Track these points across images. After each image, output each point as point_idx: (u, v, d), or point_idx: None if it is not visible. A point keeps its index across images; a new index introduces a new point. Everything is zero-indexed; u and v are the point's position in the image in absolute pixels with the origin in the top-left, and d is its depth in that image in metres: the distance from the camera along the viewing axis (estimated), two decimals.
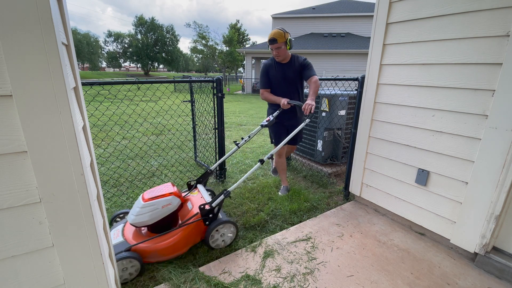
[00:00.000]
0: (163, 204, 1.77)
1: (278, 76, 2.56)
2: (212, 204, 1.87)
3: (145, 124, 5.93)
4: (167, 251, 1.76)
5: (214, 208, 1.88)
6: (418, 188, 2.06)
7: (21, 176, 0.78)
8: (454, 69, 1.75)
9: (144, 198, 1.77)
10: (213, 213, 1.89)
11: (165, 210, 1.77)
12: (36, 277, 0.88)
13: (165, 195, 1.80)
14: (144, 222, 1.72)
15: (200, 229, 1.90)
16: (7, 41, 0.68)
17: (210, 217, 1.88)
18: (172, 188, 1.88)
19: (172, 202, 1.80)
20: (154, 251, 1.71)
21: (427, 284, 1.61)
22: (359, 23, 19.53)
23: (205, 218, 1.87)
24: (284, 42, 2.36)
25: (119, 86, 2.42)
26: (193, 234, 1.86)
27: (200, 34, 32.96)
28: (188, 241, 1.85)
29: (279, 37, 2.32)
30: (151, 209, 1.73)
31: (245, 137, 2.50)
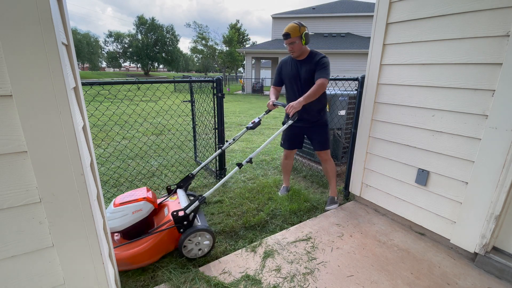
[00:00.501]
0: (133, 209, 1.70)
1: (291, 74, 2.39)
2: (186, 211, 1.76)
3: (145, 124, 5.93)
4: (137, 259, 1.66)
5: (189, 215, 1.77)
6: (418, 188, 2.06)
7: (21, 176, 0.78)
8: (454, 69, 1.75)
9: (115, 203, 1.72)
10: (188, 220, 1.77)
11: (136, 216, 1.70)
12: (36, 277, 0.88)
13: (136, 200, 1.74)
14: (114, 228, 1.66)
15: (173, 237, 1.79)
16: (7, 41, 0.68)
17: (184, 224, 1.76)
18: (145, 193, 1.82)
19: (143, 208, 1.74)
20: (122, 259, 1.61)
21: (427, 284, 1.61)
22: (359, 23, 19.53)
23: (179, 225, 1.75)
24: (298, 37, 2.18)
25: (119, 86, 2.42)
26: (165, 242, 1.75)
27: (200, 34, 32.98)
28: (160, 249, 1.75)
29: (292, 31, 2.15)
30: (121, 215, 1.67)
31: (229, 140, 2.46)
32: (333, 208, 2.50)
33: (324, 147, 2.48)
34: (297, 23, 2.19)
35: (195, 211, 1.81)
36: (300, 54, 2.30)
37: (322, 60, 2.26)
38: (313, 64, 2.28)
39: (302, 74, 2.34)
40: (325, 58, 2.26)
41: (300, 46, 2.24)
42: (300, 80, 2.36)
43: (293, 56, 2.34)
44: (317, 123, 2.43)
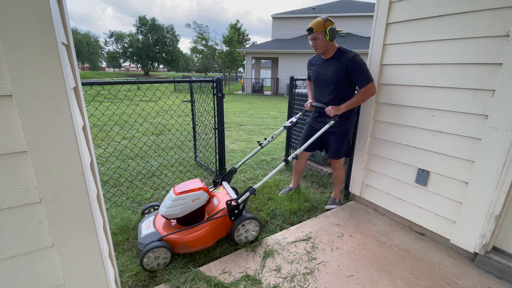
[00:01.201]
0: (193, 198, 1.84)
1: (316, 73, 2.27)
2: (238, 201, 1.93)
3: (145, 124, 5.93)
4: (196, 243, 1.83)
5: (240, 205, 1.94)
6: (418, 188, 2.06)
7: (21, 176, 0.78)
8: (454, 69, 1.75)
9: (175, 191, 1.86)
10: (238, 209, 1.95)
11: (195, 204, 1.85)
12: (36, 277, 0.88)
13: (195, 190, 1.87)
14: (174, 215, 1.81)
15: (226, 224, 1.95)
16: (7, 41, 0.68)
17: (235, 213, 1.94)
18: (201, 184, 1.95)
19: (201, 196, 1.88)
20: (183, 242, 1.79)
21: (427, 284, 1.61)
22: (359, 23, 19.52)
23: (231, 213, 1.93)
24: (322, 32, 2.03)
25: (119, 86, 2.42)
26: (219, 228, 1.92)
27: (200, 35, 32.99)
28: (215, 234, 1.91)
29: (316, 26, 2.02)
30: (182, 203, 1.81)
31: (268, 138, 2.49)
32: (333, 208, 2.50)
33: (337, 156, 2.36)
34: (323, 17, 2.05)
35: (245, 202, 1.98)
36: (325, 51, 2.15)
37: (354, 61, 2.03)
38: (341, 64, 2.08)
39: (327, 75, 2.17)
40: (357, 57, 2.05)
41: (324, 42, 2.08)
42: (324, 81, 2.21)
43: (317, 53, 2.19)
44: (336, 129, 2.27)
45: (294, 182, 2.84)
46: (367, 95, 2.10)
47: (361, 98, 2.11)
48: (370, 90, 2.07)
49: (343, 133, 2.30)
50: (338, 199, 2.61)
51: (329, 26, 2.03)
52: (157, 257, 1.69)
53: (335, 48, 2.15)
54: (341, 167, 2.47)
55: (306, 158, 2.70)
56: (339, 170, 2.48)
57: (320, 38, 2.06)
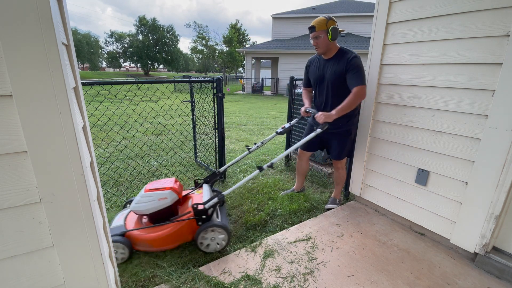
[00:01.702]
0: (159, 197, 1.83)
1: (317, 75, 2.22)
2: (206, 205, 1.85)
3: (145, 124, 5.93)
4: (156, 243, 1.82)
5: (208, 210, 1.86)
6: (418, 188, 2.06)
7: (21, 176, 0.78)
8: (454, 69, 1.75)
9: (146, 188, 1.89)
10: (206, 214, 1.86)
11: (161, 203, 1.83)
12: (36, 277, 0.88)
13: (163, 189, 1.87)
14: (141, 211, 1.83)
15: (192, 228, 1.89)
16: (7, 41, 0.68)
17: (202, 218, 1.86)
18: (172, 184, 1.93)
19: (168, 196, 1.85)
20: (144, 240, 1.79)
21: (427, 284, 1.61)
22: (359, 23, 19.52)
23: (198, 218, 1.86)
24: (324, 31, 2.00)
25: (119, 86, 2.42)
26: (184, 231, 1.87)
27: (200, 35, 33.00)
28: (178, 237, 1.87)
29: (318, 24, 1.99)
30: (148, 200, 1.82)
31: (257, 143, 2.40)
32: (333, 208, 2.50)
33: (339, 157, 2.35)
34: (325, 16, 2.02)
35: (214, 207, 1.91)
36: (326, 51, 2.12)
37: (353, 61, 2.02)
38: (341, 64, 2.06)
39: (328, 75, 2.14)
40: (356, 59, 2.03)
41: (326, 42, 2.05)
42: (326, 81, 2.17)
43: (319, 52, 2.16)
44: (338, 130, 2.24)
45: (298, 184, 2.78)
46: (357, 98, 2.02)
47: (351, 102, 2.01)
48: (360, 93, 2.01)
49: (345, 134, 2.27)
50: (339, 199, 2.61)
51: (332, 25, 2.00)
52: (115, 251, 1.69)
53: (336, 48, 2.13)
54: (343, 167, 2.47)
55: (308, 159, 2.61)
56: (341, 171, 2.47)
57: (322, 37, 2.04)
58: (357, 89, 1.99)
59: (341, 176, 2.51)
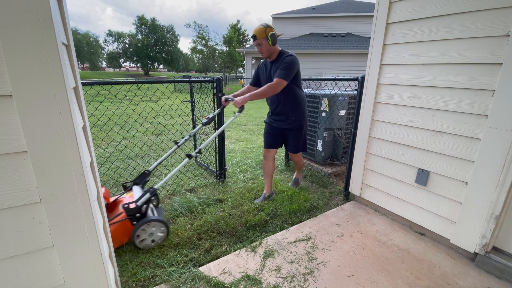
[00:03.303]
0: None
1: (265, 75, 2.46)
2: (138, 203, 1.83)
3: (145, 124, 5.93)
4: None
5: (141, 207, 1.84)
6: (418, 188, 2.06)
7: (21, 176, 0.78)
8: (454, 69, 1.75)
9: None
10: (140, 212, 1.84)
11: None
12: (36, 277, 0.88)
13: None
14: None
15: (126, 229, 1.84)
16: (7, 41, 0.68)
17: (136, 216, 1.84)
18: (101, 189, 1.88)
19: None
20: None
21: (427, 284, 1.61)
22: (359, 23, 19.52)
23: (131, 217, 1.83)
24: (264, 38, 2.23)
25: (119, 86, 2.42)
26: (118, 234, 1.80)
27: (200, 35, 33.00)
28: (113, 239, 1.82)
29: (258, 33, 2.22)
30: None
31: (185, 136, 2.48)
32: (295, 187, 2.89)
33: (295, 150, 2.61)
34: (263, 24, 2.26)
35: (148, 203, 1.89)
36: (270, 55, 2.35)
37: (285, 59, 2.25)
38: (279, 64, 2.29)
39: (270, 75, 2.37)
40: (289, 57, 2.25)
41: (268, 47, 2.28)
42: (268, 80, 2.38)
43: (264, 56, 2.38)
44: (292, 126, 2.47)
45: (267, 187, 2.70)
46: (271, 88, 2.20)
47: (266, 90, 2.20)
48: (276, 85, 2.20)
49: (299, 128, 2.50)
50: (300, 179, 3.06)
51: (270, 32, 2.24)
52: None
53: (277, 51, 2.36)
54: (301, 159, 2.82)
55: (273, 158, 2.65)
56: (299, 162, 2.84)
57: (264, 44, 2.26)
58: (275, 81, 2.20)
59: (300, 163, 2.87)
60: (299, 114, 2.45)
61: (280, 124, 2.49)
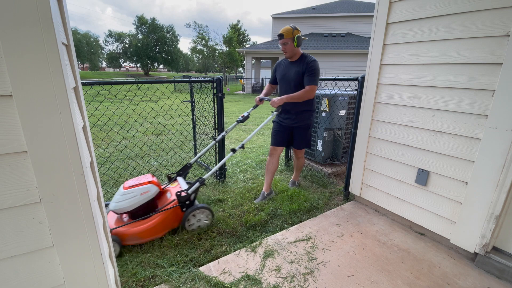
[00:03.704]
0: (142, 191, 1.92)
1: (282, 74, 2.59)
2: (188, 191, 2.02)
3: (145, 124, 5.93)
4: (145, 234, 1.91)
5: (191, 195, 2.04)
6: (418, 188, 2.06)
7: (21, 176, 0.78)
8: (454, 69, 1.75)
9: (124, 186, 1.93)
10: (189, 200, 2.04)
11: (144, 197, 1.92)
12: (36, 277, 0.88)
13: (144, 184, 1.96)
14: (124, 209, 1.88)
15: (177, 215, 2.04)
16: (7, 41, 0.68)
17: (186, 203, 2.03)
18: (150, 178, 2.03)
19: (150, 189, 1.95)
20: (132, 234, 1.86)
21: (427, 284, 1.61)
22: (359, 23, 19.53)
23: (182, 204, 2.02)
24: (291, 39, 2.36)
25: (119, 86, 2.42)
26: (170, 219, 2.00)
27: (200, 35, 33.01)
28: (165, 225, 1.99)
29: (286, 33, 2.35)
30: (131, 196, 1.88)
31: (222, 133, 2.67)
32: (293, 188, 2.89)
33: (300, 147, 2.74)
34: (292, 26, 2.38)
35: (196, 192, 2.09)
36: (292, 56, 2.47)
37: (311, 64, 2.37)
38: (301, 66, 2.41)
39: (291, 75, 2.49)
40: (314, 63, 2.39)
41: (292, 48, 2.40)
42: (289, 80, 2.52)
43: (286, 56, 2.52)
44: (301, 124, 2.59)
45: (266, 185, 2.71)
46: (306, 95, 2.38)
47: (302, 95, 2.38)
48: (311, 91, 2.37)
49: (305, 127, 2.63)
50: (297, 181, 3.07)
51: (297, 34, 2.36)
52: None
53: (300, 53, 2.48)
54: (303, 156, 2.92)
55: (278, 157, 2.73)
56: (301, 159, 2.92)
57: (289, 44, 2.38)
58: (309, 88, 2.37)
59: (301, 164, 2.96)
60: (309, 114, 2.58)
61: (289, 122, 2.60)
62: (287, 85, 2.55)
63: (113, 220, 1.97)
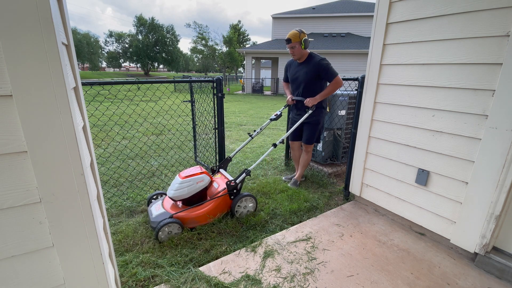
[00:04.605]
0: (198, 180, 2.14)
1: (292, 74, 2.79)
2: (237, 181, 2.26)
3: (145, 124, 5.93)
4: (202, 218, 2.13)
5: (238, 184, 2.27)
6: (418, 188, 2.06)
7: (21, 176, 0.78)
8: (454, 69, 1.75)
9: (181, 176, 2.14)
10: (237, 189, 2.27)
11: (199, 185, 2.15)
12: (36, 277, 0.88)
13: (198, 174, 2.18)
14: (182, 196, 2.10)
15: (226, 202, 2.26)
16: (7, 41, 0.68)
17: (234, 192, 2.27)
18: (203, 169, 2.26)
19: (205, 179, 2.19)
20: (191, 218, 2.09)
21: (427, 284, 1.61)
22: (359, 23, 19.53)
23: (231, 192, 2.25)
24: (298, 42, 2.53)
25: (119, 86, 2.42)
26: (221, 205, 2.23)
27: (200, 35, 33.02)
28: (218, 210, 2.22)
29: (293, 37, 2.51)
30: (188, 185, 2.10)
31: (257, 129, 2.83)
32: (294, 187, 2.92)
33: (308, 142, 2.87)
34: (298, 30, 2.53)
35: (242, 182, 2.31)
36: (300, 57, 2.64)
37: (322, 62, 2.55)
38: (310, 66, 2.59)
39: (301, 75, 2.67)
40: (324, 61, 2.56)
41: (300, 50, 2.58)
42: (299, 82, 2.71)
43: (294, 58, 2.70)
44: (310, 119, 2.75)
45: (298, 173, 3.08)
46: (336, 86, 2.58)
47: (332, 89, 2.59)
48: (338, 82, 2.56)
49: (316, 123, 2.79)
50: (299, 181, 3.06)
51: (303, 37, 2.53)
52: (170, 232, 1.98)
53: (307, 53, 2.65)
54: (311, 152, 2.97)
55: (299, 147, 3.07)
56: (309, 154, 2.96)
57: (297, 47, 2.56)
58: (335, 79, 2.54)
59: (307, 159, 2.98)
60: (319, 110, 2.73)
61: (301, 118, 2.74)
62: (296, 86, 2.77)
63: (169, 206, 2.16)
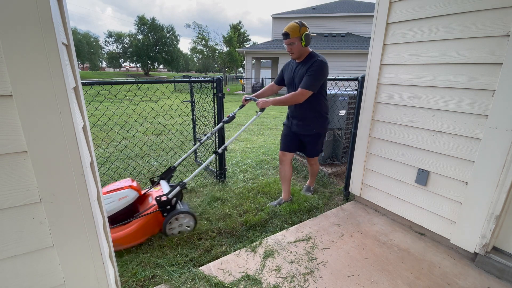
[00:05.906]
0: (119, 196, 1.88)
1: (288, 76, 2.34)
2: (169, 196, 1.95)
3: (145, 124, 5.93)
4: (125, 240, 1.85)
5: (171, 200, 1.96)
6: (418, 188, 2.06)
7: (21, 176, 0.78)
8: (454, 69, 1.75)
9: (103, 191, 1.87)
10: (170, 205, 1.97)
11: (122, 202, 1.88)
12: (36, 277, 0.88)
13: (122, 188, 1.92)
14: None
15: (158, 220, 1.97)
16: (7, 41, 0.68)
17: (167, 208, 1.96)
18: (130, 182, 2.00)
19: (129, 194, 1.91)
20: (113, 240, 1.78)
21: (427, 284, 1.61)
22: (359, 23, 19.53)
23: (163, 209, 1.95)
24: (298, 38, 2.04)
25: (119, 86, 2.42)
26: (150, 224, 1.94)
27: (200, 35, 33.04)
28: (145, 231, 1.93)
29: (292, 31, 2.02)
30: (108, 202, 1.84)
31: (207, 134, 2.57)
32: (308, 194, 2.78)
33: (313, 155, 2.57)
34: (298, 22, 2.05)
35: (177, 197, 2.00)
36: (299, 56, 2.18)
37: (314, 64, 2.08)
38: (306, 67, 2.12)
39: (297, 78, 2.21)
40: (319, 63, 2.08)
41: (300, 48, 2.10)
42: (295, 83, 2.24)
43: (293, 57, 2.24)
44: (311, 133, 2.39)
45: (285, 193, 2.58)
46: (293, 99, 2.13)
47: (288, 99, 2.15)
48: (299, 95, 2.10)
49: (317, 136, 2.44)
50: (313, 187, 2.92)
51: (304, 32, 2.04)
52: None
53: (307, 52, 2.19)
54: (316, 162, 2.73)
55: (290, 163, 2.50)
56: (315, 165, 2.74)
57: (296, 44, 2.09)
58: (299, 91, 2.09)
59: (315, 170, 2.80)
60: (320, 124, 2.36)
61: (298, 129, 2.38)
62: (293, 88, 2.29)
63: None
